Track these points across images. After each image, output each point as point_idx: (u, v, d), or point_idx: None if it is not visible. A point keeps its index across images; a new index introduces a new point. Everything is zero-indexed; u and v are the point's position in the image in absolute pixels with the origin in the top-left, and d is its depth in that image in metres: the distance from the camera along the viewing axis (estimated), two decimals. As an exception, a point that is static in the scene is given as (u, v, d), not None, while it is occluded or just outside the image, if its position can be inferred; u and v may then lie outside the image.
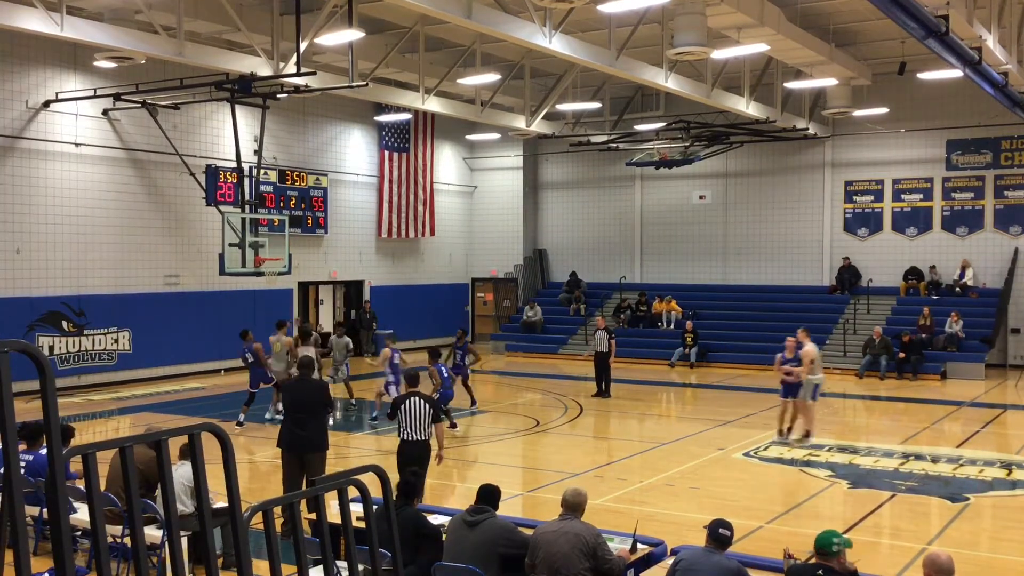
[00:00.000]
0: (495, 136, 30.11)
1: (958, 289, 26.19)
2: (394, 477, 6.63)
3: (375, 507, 4.19)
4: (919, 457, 14.64)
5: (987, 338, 24.89)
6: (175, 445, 8.56)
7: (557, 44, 17.09)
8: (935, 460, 14.37)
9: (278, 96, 21.48)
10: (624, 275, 31.29)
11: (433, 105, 23.02)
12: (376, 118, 28.54)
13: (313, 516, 5.05)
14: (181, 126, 23.38)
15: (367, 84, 19.63)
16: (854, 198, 28.39)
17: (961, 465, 13.98)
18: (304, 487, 9.53)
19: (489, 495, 7.15)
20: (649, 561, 7.44)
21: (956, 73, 17.93)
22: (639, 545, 7.47)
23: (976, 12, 15.69)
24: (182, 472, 7.83)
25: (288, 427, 10.22)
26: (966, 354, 24.09)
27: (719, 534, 6.50)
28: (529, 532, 6.97)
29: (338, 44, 18.24)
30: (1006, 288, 25.66)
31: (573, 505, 6.88)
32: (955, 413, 19.20)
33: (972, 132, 26.03)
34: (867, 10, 14.59)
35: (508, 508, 10.78)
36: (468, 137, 31.37)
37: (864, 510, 11.43)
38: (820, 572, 6.12)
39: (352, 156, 28.95)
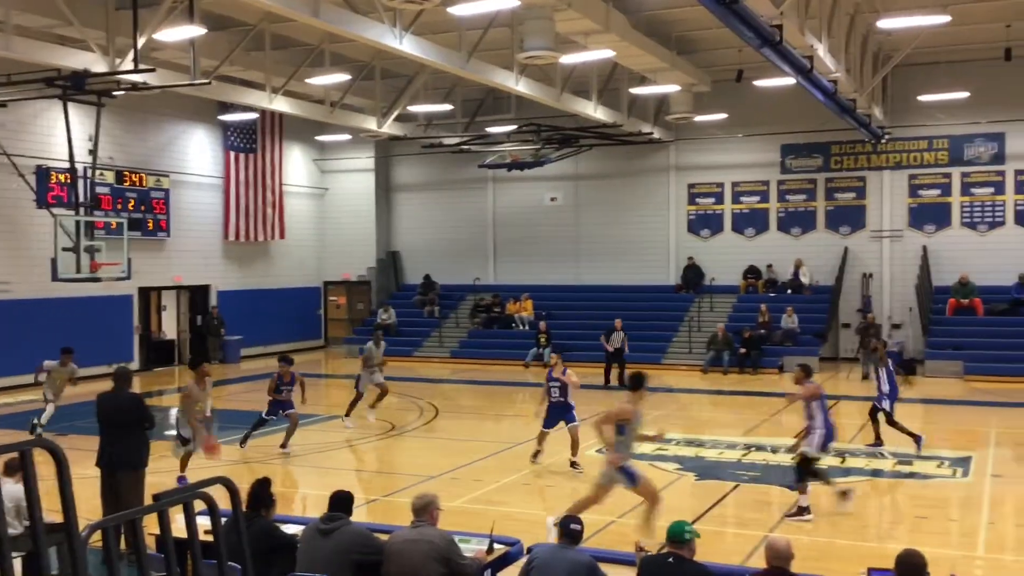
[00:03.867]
0: (346, 137, 29.72)
1: (790, 290, 27.52)
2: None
3: (226, 519, 4.05)
4: (760, 448, 15.29)
5: (820, 333, 26.27)
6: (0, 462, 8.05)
7: (407, 45, 17.00)
8: (775, 451, 15.03)
9: (114, 94, 20.52)
10: (478, 276, 31.44)
11: (281, 105, 22.52)
12: (220, 117, 27.68)
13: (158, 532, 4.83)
14: (9, 124, 22.07)
15: (210, 82, 19.00)
16: (697, 200, 29.44)
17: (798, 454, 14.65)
18: (121, 507, 9.05)
19: (342, 502, 7.00)
20: (506, 561, 7.48)
21: (790, 81, 18.83)
22: (495, 545, 7.50)
23: (807, 23, 16.51)
24: (8, 491, 7.35)
25: (101, 443, 9.69)
26: (801, 348, 25.34)
27: (570, 529, 6.61)
28: (386, 538, 6.89)
29: (179, 40, 17.58)
30: (837, 285, 27.14)
31: (423, 510, 6.81)
32: (793, 405, 20.11)
33: (804, 137, 27.43)
34: (707, 19, 15.16)
35: (364, 514, 10.65)
36: (318, 138, 30.84)
37: (710, 501, 11.85)
38: (671, 560, 6.30)
39: (195, 157, 27.99)
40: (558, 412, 13.72)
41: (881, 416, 14.96)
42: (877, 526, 11.36)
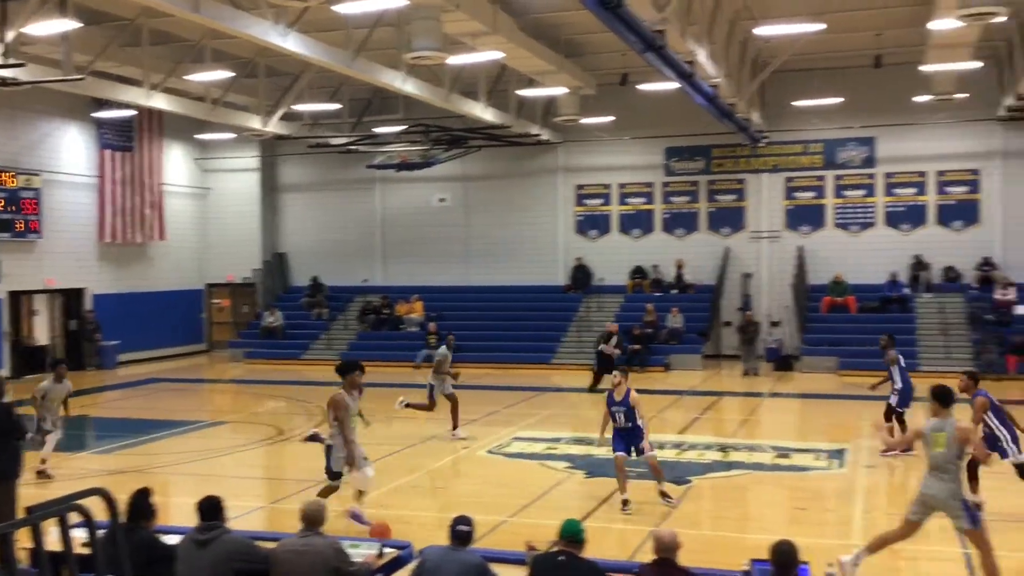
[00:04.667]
0: (229, 136, 28.99)
1: (675, 289, 28.15)
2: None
3: (105, 531, 3.88)
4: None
5: (703, 331, 26.97)
6: None
7: (292, 43, 16.71)
8: (661, 447, 15.32)
9: (-19, 88, 19.53)
10: (367, 278, 31.12)
11: (159, 102, 21.83)
12: (95, 115, 26.63)
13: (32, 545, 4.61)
14: None
15: (83, 78, 18.28)
16: (584, 201, 29.84)
17: (684, 450, 15.01)
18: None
19: (212, 508, 6.64)
20: (396, 564, 7.41)
21: (673, 85, 19.25)
22: (385, 550, 7.43)
23: (689, 28, 16.91)
24: None
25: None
26: (686, 346, 25.96)
27: (459, 531, 6.60)
28: (273, 546, 6.72)
29: (51, 34, 16.84)
30: (718, 285, 27.90)
31: (312, 519, 6.67)
32: (678, 402, 20.61)
33: (687, 140, 28.11)
34: (593, 23, 15.36)
35: (249, 522, 10.39)
36: (199, 137, 29.99)
37: (600, 498, 12.00)
38: (562, 558, 6.35)
39: (69, 155, 26.86)
40: (628, 439, 11.57)
41: (902, 414, 14.54)
42: (759, 518, 11.69)
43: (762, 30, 19.06)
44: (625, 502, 11.21)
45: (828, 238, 27.50)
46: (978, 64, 22.07)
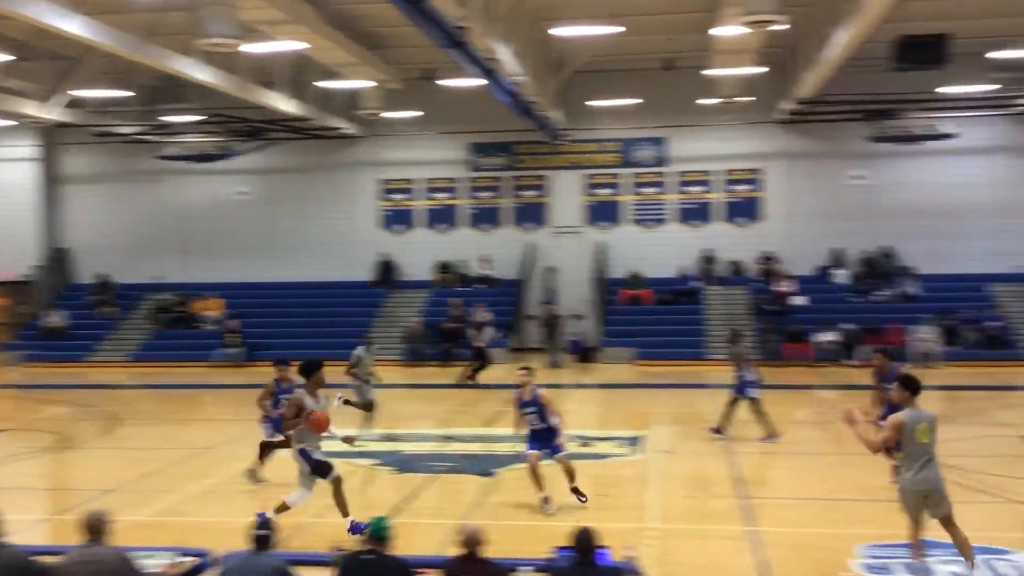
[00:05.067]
0: (6, 123, 26.85)
1: (481, 284, 28.47)
2: None
3: None
4: (455, 439, 15.64)
5: (509, 324, 27.40)
6: None
7: (75, 25, 15.66)
8: (468, 440, 15.46)
9: None
10: (161, 274, 29.63)
11: (-78, 84, 19.94)
12: None
13: None
14: None
15: None
16: (390, 196, 29.65)
17: (492, 443, 15.19)
18: None
19: None
20: (195, 573, 7.10)
21: (477, 81, 19.42)
22: (182, 559, 7.09)
23: (491, 26, 17.09)
24: None
25: None
26: (492, 340, 26.26)
27: (258, 535, 6.42)
28: (54, 560, 6.27)
29: None
30: (523, 279, 28.43)
31: (94, 528, 6.26)
32: (485, 395, 20.83)
33: (491, 136, 28.46)
34: (397, 17, 15.25)
35: (30, 536, 9.67)
36: (-30, 123, 27.63)
37: (408, 494, 11.95)
38: (369, 557, 6.27)
39: None
40: (544, 438, 11.19)
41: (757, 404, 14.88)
42: (562, 507, 11.96)
43: (561, 31, 19.51)
44: (546, 499, 11.02)
45: (626, 233, 28.57)
46: (760, 69, 23.52)
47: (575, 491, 11.22)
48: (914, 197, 26.94)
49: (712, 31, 18.90)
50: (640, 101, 26.92)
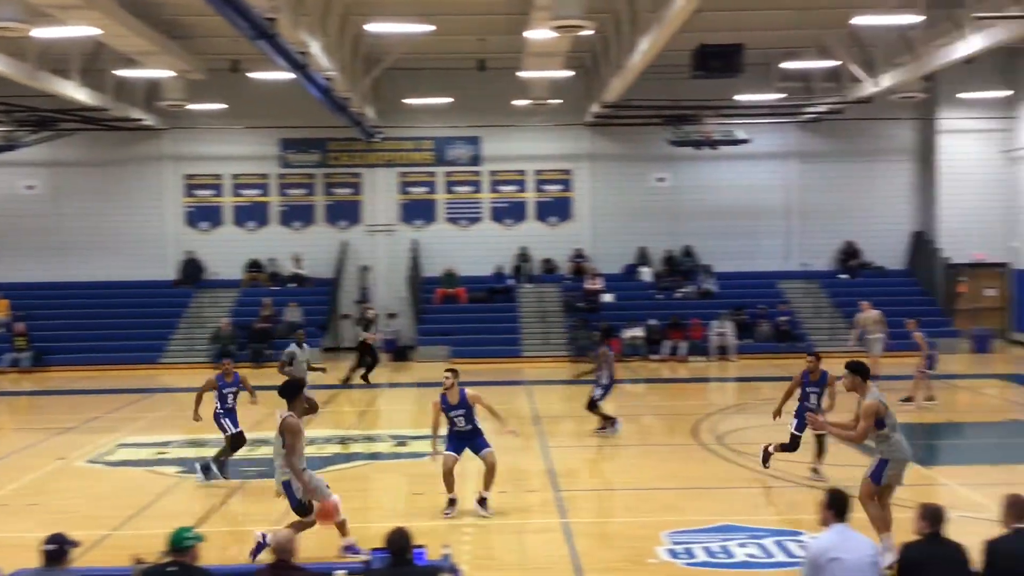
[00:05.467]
0: None
1: (293, 283, 27.81)
2: None
3: None
4: (266, 443, 15.18)
5: (322, 324, 26.91)
6: None
7: None
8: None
9: None
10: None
11: None
12: None
13: None
14: None
15: None
16: (195, 192, 28.48)
17: (306, 445, 14.84)
18: None
19: None
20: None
21: (287, 75, 18.94)
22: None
23: (302, 19, 16.71)
24: None
25: None
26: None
27: (48, 550, 6.05)
28: None
29: None
30: (337, 278, 27.99)
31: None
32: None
33: (303, 132, 27.82)
34: (200, 5, 14.61)
35: None
36: None
37: (215, 501, 11.51)
38: (172, 569, 5.99)
39: None
40: (465, 440, 10.89)
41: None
42: (379, 507, 11.87)
43: (373, 27, 19.33)
44: (452, 502, 10.71)
45: (440, 232, 28.65)
46: (569, 73, 24.13)
47: (481, 502, 10.85)
48: (712, 199, 28.38)
49: (523, 34, 19.22)
50: (454, 100, 27.06)
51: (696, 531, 9.83)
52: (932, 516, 6.22)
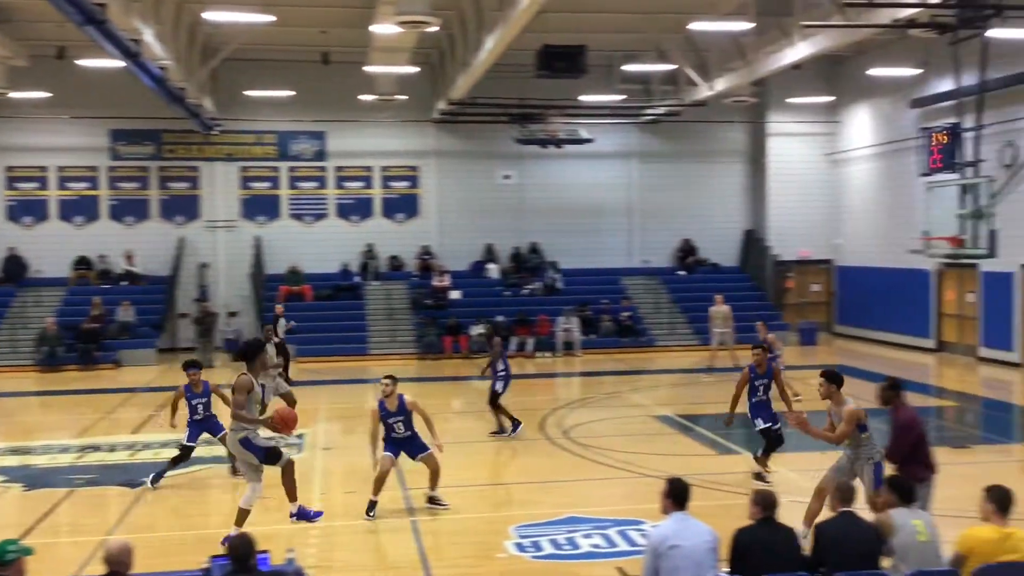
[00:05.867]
0: None
1: (125, 281, 26.57)
2: None
3: None
4: (96, 448, 14.48)
5: (158, 324, 25.84)
6: None
7: None
8: (112, 449, 14.37)
9: None
10: None
11: None
12: None
13: None
14: None
15: None
16: (17, 185, 26.82)
17: (138, 451, 14.22)
18: None
19: None
20: None
21: (117, 63, 18.06)
22: None
23: (134, 5, 15.97)
24: None
25: None
26: (138, 340, 24.66)
27: None
28: None
29: None
30: (173, 275, 26.92)
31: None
32: (130, 400, 19.49)
33: (135, 123, 26.59)
34: (23, -14, 13.81)
35: None
36: None
37: (41, 511, 10.87)
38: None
39: None
40: (403, 445, 10.76)
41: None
42: (221, 512, 11.47)
43: (210, 15, 18.68)
44: (373, 504, 10.46)
45: (284, 228, 27.99)
46: (415, 69, 24.02)
47: (432, 500, 10.78)
48: (558, 197, 28.86)
49: (369, 28, 18.99)
50: (297, 94, 26.49)
51: (543, 524, 9.97)
52: (764, 501, 6.49)
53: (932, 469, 8.25)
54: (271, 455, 9.01)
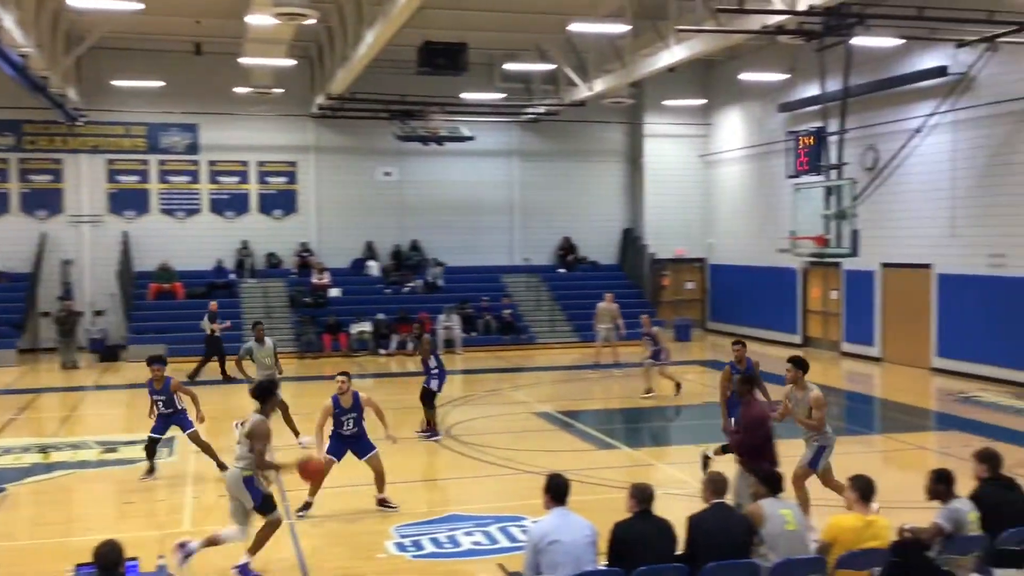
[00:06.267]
0: None
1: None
2: None
3: None
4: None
5: (18, 323, 24.60)
6: None
7: None
8: (-33, 455, 13.61)
9: None
10: None
11: None
12: None
13: None
14: None
15: None
16: None
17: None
18: None
19: None
20: None
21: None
22: None
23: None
24: None
25: None
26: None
27: None
28: None
29: None
30: (35, 272, 25.66)
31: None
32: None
33: (-5, 113, 25.25)
34: None
35: None
36: None
37: None
38: None
39: None
40: (349, 444, 10.60)
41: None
42: (86, 519, 11.00)
43: (75, 2, 17.85)
44: (308, 505, 10.31)
45: (154, 223, 27.03)
46: (292, 62, 23.55)
47: (383, 502, 10.60)
48: (439, 194, 28.78)
49: (244, 18, 18.51)
50: (168, 84, 25.62)
51: (424, 523, 9.92)
52: (641, 495, 6.60)
53: (775, 464, 8.49)
54: (267, 503, 8.56)
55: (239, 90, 25.37)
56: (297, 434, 13.77)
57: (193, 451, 13.86)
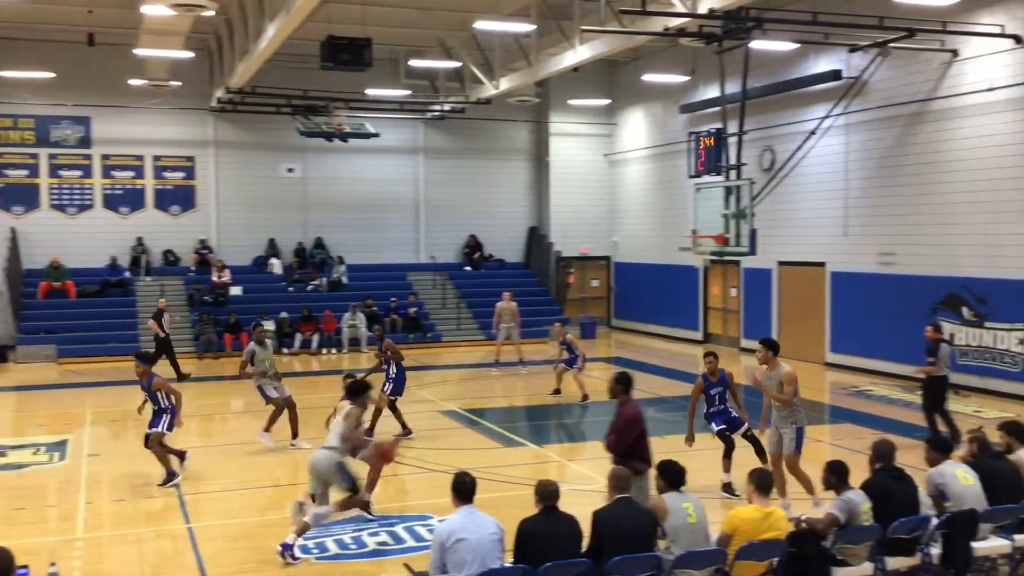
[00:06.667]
0: None
1: None
2: None
3: None
4: None
5: None
6: None
7: None
8: None
9: None
10: None
11: None
12: None
13: None
14: None
15: None
16: None
17: None
18: None
19: None
20: None
21: None
22: None
23: None
24: None
25: None
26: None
27: None
28: None
29: None
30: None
31: None
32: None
33: None
34: None
35: None
36: None
37: None
38: None
39: None
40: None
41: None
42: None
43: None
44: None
45: (44, 219, 26.00)
46: (190, 54, 22.95)
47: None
48: (343, 191, 28.44)
49: (140, 9, 17.95)
50: (59, 76, 24.66)
51: (328, 524, 9.78)
52: (546, 492, 6.63)
53: (648, 463, 8.39)
54: (356, 483, 9.39)
55: (134, 82, 24.60)
56: (296, 435, 13.58)
57: (87, 454, 13.41)
